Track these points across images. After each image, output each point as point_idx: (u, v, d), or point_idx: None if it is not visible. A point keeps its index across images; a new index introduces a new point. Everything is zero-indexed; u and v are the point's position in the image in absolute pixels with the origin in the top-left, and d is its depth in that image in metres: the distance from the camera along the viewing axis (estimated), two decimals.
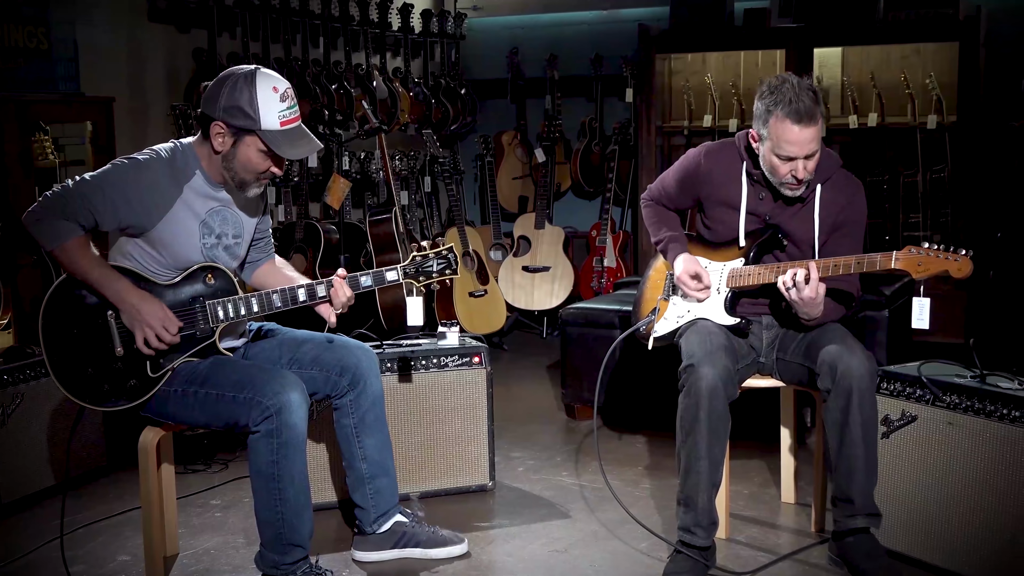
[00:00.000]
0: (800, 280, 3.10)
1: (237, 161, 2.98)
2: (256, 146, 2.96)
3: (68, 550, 3.28)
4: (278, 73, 3.03)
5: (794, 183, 3.20)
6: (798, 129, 3.10)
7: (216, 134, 2.96)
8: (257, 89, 2.92)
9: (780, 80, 3.17)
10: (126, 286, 2.93)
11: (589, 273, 6.80)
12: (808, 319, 3.21)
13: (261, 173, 3.01)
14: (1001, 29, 5.84)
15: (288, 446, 2.93)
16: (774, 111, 3.12)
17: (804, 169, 3.16)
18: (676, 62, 6.67)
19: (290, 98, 2.98)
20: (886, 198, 6.03)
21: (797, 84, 3.13)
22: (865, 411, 3.09)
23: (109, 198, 2.90)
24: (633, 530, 3.49)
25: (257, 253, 3.31)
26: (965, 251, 2.99)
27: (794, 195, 3.26)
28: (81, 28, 4.87)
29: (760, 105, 3.18)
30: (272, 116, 2.93)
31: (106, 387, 2.97)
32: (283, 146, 2.95)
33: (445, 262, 3.16)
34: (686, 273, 3.36)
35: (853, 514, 3.14)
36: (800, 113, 3.08)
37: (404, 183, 6.63)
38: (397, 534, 3.35)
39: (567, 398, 4.90)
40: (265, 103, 2.92)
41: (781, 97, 3.11)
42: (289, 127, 2.97)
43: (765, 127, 3.16)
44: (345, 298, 3.10)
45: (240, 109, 2.91)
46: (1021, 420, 2.92)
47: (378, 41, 6.55)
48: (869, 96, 6.01)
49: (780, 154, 3.15)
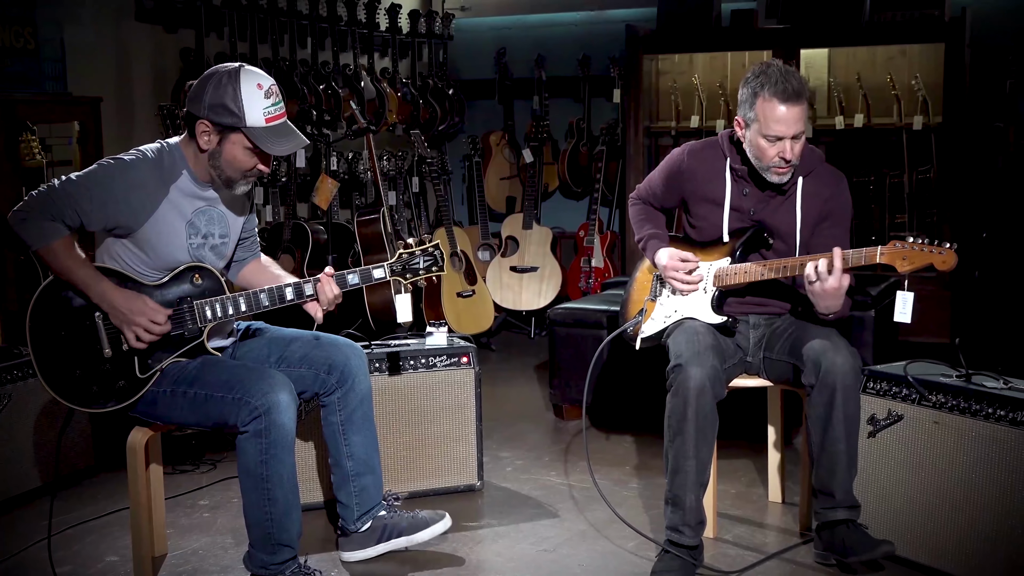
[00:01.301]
0: (823, 271, 3.08)
1: (223, 159, 2.98)
2: (242, 143, 2.96)
3: (56, 551, 3.27)
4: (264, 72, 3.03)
5: (782, 165, 3.22)
6: (785, 108, 3.13)
7: (202, 132, 2.96)
8: (241, 86, 2.92)
9: (766, 65, 3.23)
10: (110, 287, 2.93)
11: (577, 273, 6.81)
12: (828, 313, 3.17)
13: (248, 171, 3.01)
14: (987, 30, 5.86)
15: (276, 446, 2.93)
16: (760, 92, 3.16)
17: (791, 151, 3.18)
18: (663, 63, 6.69)
19: (275, 95, 2.98)
20: (872, 198, 6.06)
21: (783, 67, 3.19)
22: (848, 407, 3.13)
23: (95, 198, 2.90)
24: (621, 530, 3.50)
25: (243, 252, 3.31)
26: (950, 244, 3.02)
27: (781, 180, 3.26)
28: (68, 28, 4.86)
29: (746, 90, 3.22)
30: (257, 112, 2.93)
31: (95, 388, 2.97)
32: (269, 142, 2.96)
33: (431, 259, 3.18)
34: (673, 259, 3.37)
35: (834, 507, 3.19)
36: (788, 92, 3.13)
37: (392, 183, 6.63)
38: (379, 528, 3.35)
39: (555, 398, 4.91)
40: (250, 100, 2.92)
41: (768, 79, 3.16)
42: (275, 123, 2.97)
43: (752, 110, 3.19)
44: (332, 295, 3.11)
45: (225, 107, 2.91)
46: (1006, 419, 2.94)
47: (366, 41, 6.55)
48: (855, 97, 6.04)
49: (768, 134, 3.17)
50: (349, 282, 3.14)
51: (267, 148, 2.96)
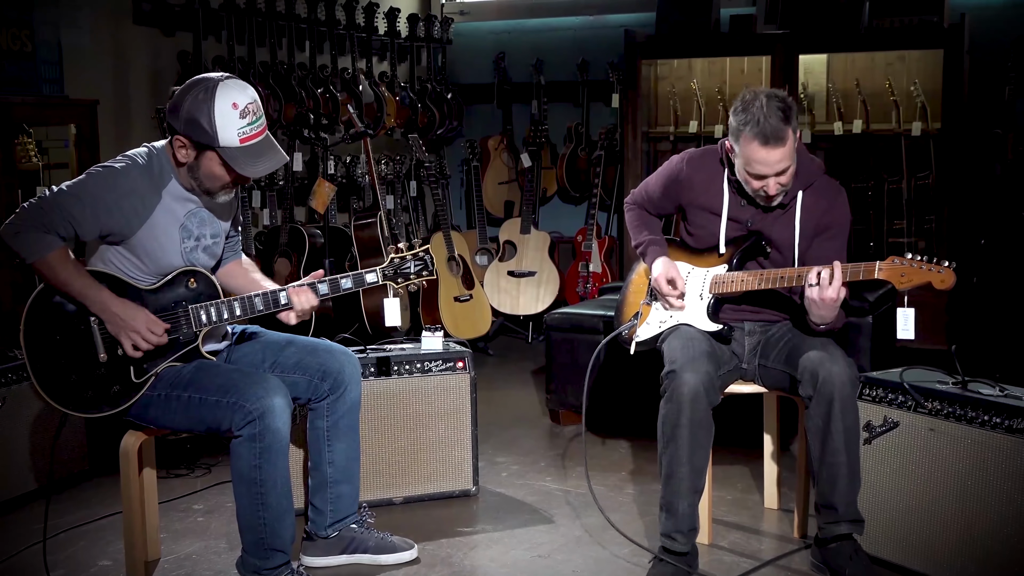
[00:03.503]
0: (825, 278, 3.07)
1: (201, 172, 2.97)
2: (217, 160, 2.93)
3: (49, 555, 3.25)
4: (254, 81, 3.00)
5: (764, 197, 3.22)
6: (765, 151, 3.09)
7: (179, 147, 2.94)
8: (215, 105, 2.87)
9: (752, 95, 3.13)
10: (109, 296, 2.93)
11: (575, 278, 6.80)
12: (821, 323, 3.16)
13: (227, 183, 3.00)
14: (985, 37, 5.86)
15: (271, 451, 2.93)
16: (743, 131, 3.12)
17: (775, 185, 3.16)
18: (662, 68, 6.68)
19: (251, 113, 2.91)
20: (871, 205, 6.05)
21: (766, 103, 3.08)
22: (847, 418, 3.10)
23: (88, 207, 2.89)
24: (616, 536, 3.49)
25: (226, 251, 3.31)
26: (948, 263, 2.98)
27: (767, 205, 3.26)
28: (65, 30, 4.86)
29: (733, 121, 3.17)
30: (231, 133, 2.89)
31: (89, 393, 2.97)
32: (242, 163, 2.92)
33: (422, 263, 3.19)
34: (663, 276, 3.36)
35: (836, 520, 3.15)
36: (767, 135, 3.07)
37: (390, 187, 6.62)
38: (346, 539, 3.35)
39: (551, 403, 4.90)
40: (223, 120, 2.87)
41: (750, 117, 3.09)
42: (250, 143, 2.92)
43: (737, 143, 3.17)
44: (308, 307, 3.10)
45: (199, 124, 2.88)
46: (1002, 427, 2.93)
47: (364, 45, 6.55)
48: (854, 103, 6.03)
49: (750, 172, 3.16)
50: (343, 286, 3.14)
51: (240, 170, 2.93)
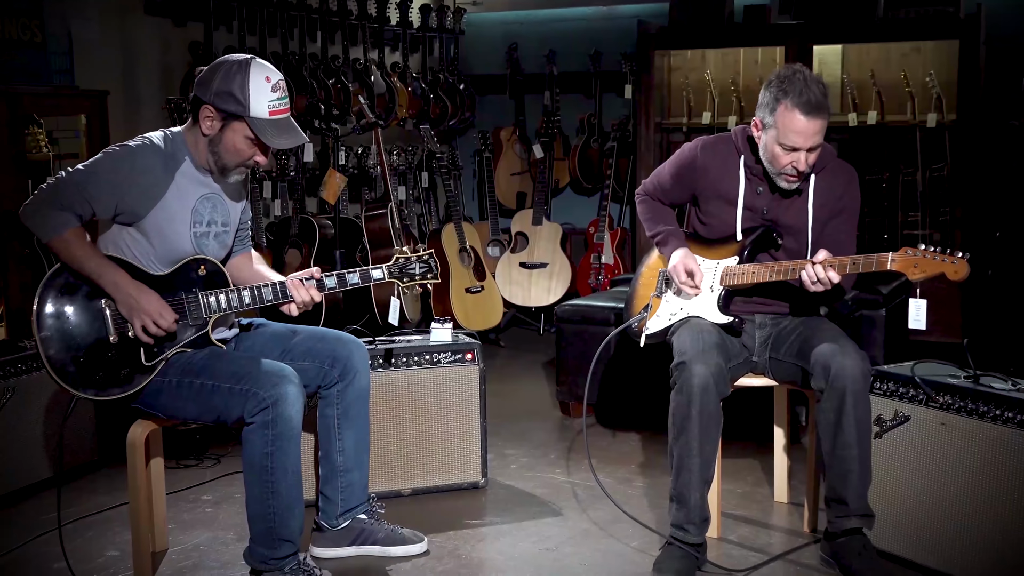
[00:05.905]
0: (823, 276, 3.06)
1: (223, 145, 3.02)
2: (243, 132, 3.00)
3: (57, 545, 3.26)
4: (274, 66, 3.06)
5: (793, 174, 3.18)
6: (806, 120, 3.08)
7: (205, 117, 3.00)
8: (250, 76, 2.97)
9: (791, 70, 3.14)
10: (123, 276, 2.95)
11: (587, 270, 6.78)
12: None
13: (245, 160, 3.05)
14: (1001, 27, 5.80)
15: (282, 438, 2.93)
16: (783, 100, 3.10)
17: (805, 161, 3.14)
18: (675, 59, 6.64)
19: (282, 89, 3.03)
20: (885, 196, 6.00)
21: (808, 76, 3.11)
22: (859, 412, 3.08)
23: (104, 185, 2.93)
24: (625, 528, 3.47)
25: (235, 244, 3.32)
26: (962, 254, 2.93)
27: (790, 187, 3.23)
28: (75, 21, 4.86)
29: (768, 94, 3.16)
30: (262, 104, 2.97)
31: (99, 375, 2.97)
32: (269, 134, 2.99)
33: (426, 266, 3.23)
34: (682, 265, 3.33)
35: (847, 515, 3.13)
36: (810, 104, 3.07)
37: (402, 178, 6.61)
38: (355, 531, 3.35)
39: (562, 395, 4.88)
40: (256, 91, 2.97)
41: (792, 87, 3.09)
42: (277, 117, 3.01)
43: (772, 115, 3.14)
44: (309, 298, 3.12)
45: (231, 94, 2.96)
46: (1014, 421, 2.90)
47: (376, 36, 6.53)
48: (869, 94, 5.98)
49: (784, 143, 3.13)
50: (349, 281, 3.17)
51: (267, 140, 2.99)
